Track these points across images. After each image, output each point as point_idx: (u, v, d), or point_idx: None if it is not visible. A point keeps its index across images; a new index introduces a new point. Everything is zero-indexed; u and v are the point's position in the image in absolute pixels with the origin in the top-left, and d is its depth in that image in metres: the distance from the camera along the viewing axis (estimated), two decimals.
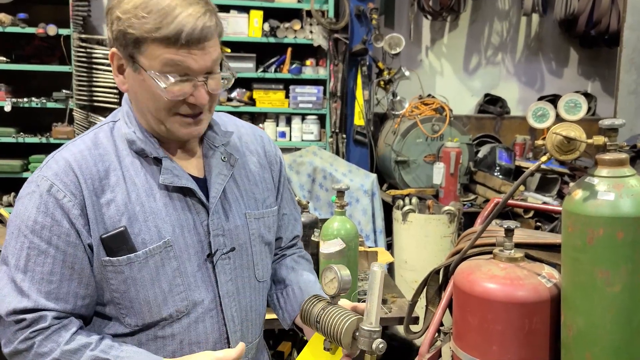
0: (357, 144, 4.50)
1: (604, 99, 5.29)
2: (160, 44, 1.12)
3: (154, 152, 1.22)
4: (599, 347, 1.30)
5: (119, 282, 1.19)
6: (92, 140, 1.23)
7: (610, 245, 1.26)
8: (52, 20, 4.06)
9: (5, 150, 4.20)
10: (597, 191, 1.28)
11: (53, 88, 4.15)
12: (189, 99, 1.18)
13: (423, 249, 3.65)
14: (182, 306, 1.23)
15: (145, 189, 1.21)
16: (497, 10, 5.18)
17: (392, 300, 2.25)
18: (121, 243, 1.17)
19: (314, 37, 4.30)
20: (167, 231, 1.21)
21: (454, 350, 1.56)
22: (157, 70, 1.14)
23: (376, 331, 1.14)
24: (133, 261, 1.18)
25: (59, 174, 1.16)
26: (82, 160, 1.19)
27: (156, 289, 1.20)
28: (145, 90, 1.18)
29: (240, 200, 1.33)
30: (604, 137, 1.32)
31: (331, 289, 1.22)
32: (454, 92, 5.05)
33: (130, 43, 1.14)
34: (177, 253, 1.22)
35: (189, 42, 1.12)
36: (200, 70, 1.16)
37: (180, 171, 1.24)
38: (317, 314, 1.22)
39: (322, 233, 2.00)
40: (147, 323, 1.22)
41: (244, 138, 1.42)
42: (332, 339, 1.19)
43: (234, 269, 1.30)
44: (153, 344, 1.23)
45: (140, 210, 1.19)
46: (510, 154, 4.40)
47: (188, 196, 1.25)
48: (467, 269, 1.52)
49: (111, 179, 1.19)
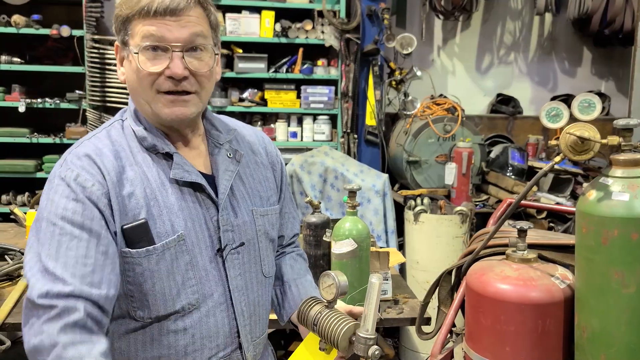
0: (369, 144, 4.50)
1: (618, 99, 5.25)
2: (139, 19, 1.18)
3: (165, 148, 1.25)
4: (614, 349, 1.29)
5: (136, 275, 1.19)
6: (106, 137, 1.26)
7: (624, 246, 1.25)
8: (66, 21, 4.09)
9: (19, 150, 4.24)
10: (611, 192, 1.27)
11: (66, 89, 4.19)
12: (166, 72, 1.19)
13: (435, 250, 3.64)
14: (193, 299, 1.24)
15: (158, 184, 1.23)
16: (510, 9, 5.16)
17: (404, 301, 2.24)
18: (142, 235, 1.18)
19: (326, 37, 4.30)
20: (180, 225, 1.22)
21: (466, 352, 1.55)
22: (137, 45, 1.19)
23: (372, 338, 1.20)
24: (151, 254, 1.19)
25: (85, 166, 1.18)
26: (101, 154, 1.20)
27: (171, 282, 1.21)
28: (132, 71, 1.22)
29: (246, 197, 1.36)
30: (619, 137, 1.31)
31: (329, 294, 1.27)
32: (466, 92, 5.03)
33: (122, 27, 1.21)
34: (189, 247, 1.23)
35: (163, 11, 1.16)
36: (175, 40, 1.18)
37: (190, 167, 1.26)
38: (315, 317, 1.27)
39: (334, 233, 2.00)
40: (160, 315, 1.22)
41: (247, 138, 1.45)
42: (329, 342, 1.25)
43: (243, 264, 1.32)
44: (166, 339, 1.24)
45: (155, 205, 1.21)
46: (522, 154, 4.37)
47: (198, 192, 1.27)
48: (480, 269, 1.52)
49: (129, 174, 1.21)
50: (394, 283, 2.30)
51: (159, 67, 1.19)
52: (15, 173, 4.12)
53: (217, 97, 4.30)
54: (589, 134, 1.34)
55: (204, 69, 1.23)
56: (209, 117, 1.38)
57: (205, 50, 1.23)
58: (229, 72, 4.30)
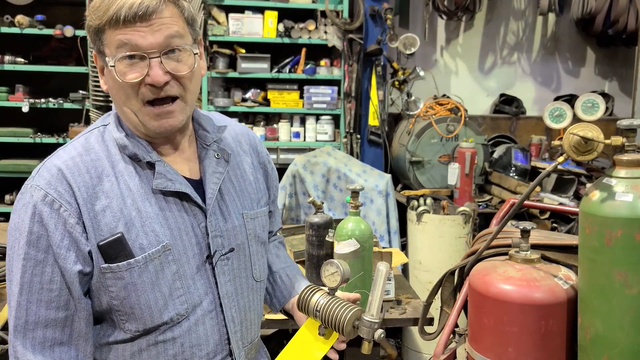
0: (372, 144, 4.49)
1: (621, 99, 5.24)
2: (110, 28, 1.13)
3: (146, 157, 1.20)
4: (616, 349, 1.28)
5: (119, 289, 1.17)
6: (82, 145, 1.21)
7: (628, 246, 1.24)
8: (69, 21, 4.10)
9: (23, 150, 4.25)
10: (614, 192, 1.27)
11: (70, 89, 4.19)
12: (146, 80, 1.14)
13: (438, 250, 3.63)
14: (182, 309, 1.22)
15: (140, 193, 1.19)
16: (513, 9, 5.15)
17: (407, 302, 2.24)
18: (118, 249, 1.16)
19: (329, 38, 4.30)
20: (165, 235, 1.19)
21: (469, 352, 1.55)
22: (113, 55, 1.14)
23: (377, 322, 1.27)
24: (133, 266, 1.17)
25: (52, 182, 1.14)
26: (74, 167, 1.17)
27: (157, 293, 1.19)
28: (114, 82, 1.17)
29: (236, 200, 1.33)
30: (622, 138, 1.31)
31: (332, 281, 1.33)
32: (469, 92, 5.02)
33: (95, 37, 1.17)
34: (175, 257, 1.20)
35: (133, 18, 1.11)
36: (149, 47, 1.13)
37: (174, 174, 1.22)
38: (316, 303, 1.31)
39: (337, 233, 2.00)
40: (148, 328, 1.20)
41: (238, 138, 1.42)
42: (333, 327, 1.29)
43: (233, 270, 1.30)
44: (154, 349, 1.22)
45: (137, 216, 1.18)
46: (526, 155, 4.37)
47: (184, 199, 1.23)
48: (483, 270, 1.51)
49: (105, 185, 1.17)
50: (396, 283, 2.30)
51: (138, 76, 1.14)
52: (19, 173, 4.13)
53: (220, 97, 4.31)
54: (593, 134, 1.34)
55: (185, 70, 1.18)
56: (196, 117, 1.33)
57: (184, 50, 1.17)
58: (232, 72, 4.30)
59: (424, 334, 1.86)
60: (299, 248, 2.52)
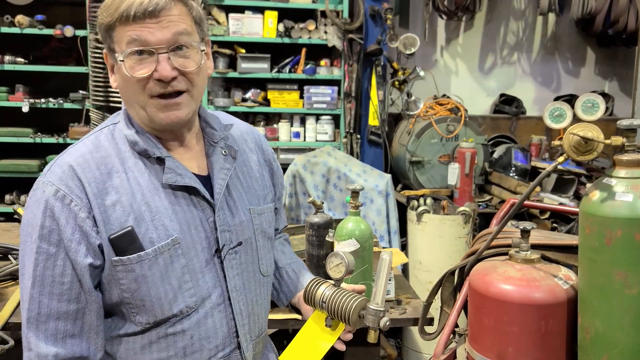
0: (372, 144, 4.49)
1: (621, 99, 5.24)
2: (120, 25, 1.17)
3: (156, 152, 1.24)
4: (617, 350, 1.28)
5: (130, 281, 1.20)
6: (93, 143, 1.25)
7: (628, 246, 1.24)
8: (69, 21, 4.10)
9: (23, 150, 4.25)
10: (615, 192, 1.27)
11: (70, 89, 4.19)
12: (154, 75, 1.18)
13: (438, 250, 3.63)
14: (191, 302, 1.24)
15: (150, 189, 1.22)
16: (513, 9, 5.15)
17: (407, 302, 2.24)
18: (129, 242, 1.19)
19: (329, 38, 4.30)
20: (174, 229, 1.22)
21: (469, 352, 1.55)
22: (123, 51, 1.18)
23: (382, 310, 1.30)
24: (143, 259, 1.19)
25: (64, 178, 1.18)
26: (84, 163, 1.20)
27: (166, 286, 1.22)
28: (123, 78, 1.21)
29: (244, 195, 1.36)
30: (622, 138, 1.31)
31: (337, 273, 1.37)
32: (469, 92, 5.02)
33: (106, 35, 1.20)
34: (184, 250, 1.23)
35: (142, 14, 1.15)
36: (158, 43, 1.17)
37: (184, 170, 1.26)
38: (322, 295, 1.35)
39: (337, 233, 2.00)
40: (158, 320, 1.23)
41: (244, 136, 1.46)
42: (339, 317, 1.32)
43: (241, 264, 1.33)
44: (164, 341, 1.25)
45: (147, 210, 1.21)
46: (526, 155, 4.37)
47: (192, 194, 1.26)
48: (483, 270, 1.51)
49: (115, 181, 1.21)
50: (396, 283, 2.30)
51: (147, 71, 1.18)
52: (19, 173, 4.13)
53: (220, 97, 4.31)
54: (593, 134, 1.34)
55: (192, 67, 1.22)
56: (202, 115, 1.37)
57: (191, 47, 1.22)
58: (232, 72, 4.30)
59: (424, 334, 1.86)
60: (299, 248, 2.52)
